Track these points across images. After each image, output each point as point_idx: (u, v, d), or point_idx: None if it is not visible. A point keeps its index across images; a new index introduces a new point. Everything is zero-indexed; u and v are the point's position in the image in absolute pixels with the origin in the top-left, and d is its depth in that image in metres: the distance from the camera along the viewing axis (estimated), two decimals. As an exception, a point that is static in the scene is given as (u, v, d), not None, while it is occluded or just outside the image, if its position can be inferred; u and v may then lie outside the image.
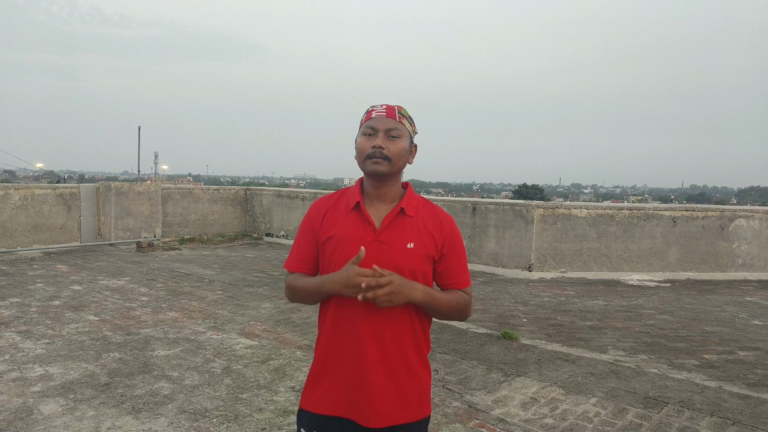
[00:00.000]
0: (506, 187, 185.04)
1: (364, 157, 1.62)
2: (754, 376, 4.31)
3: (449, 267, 1.68)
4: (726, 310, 6.55)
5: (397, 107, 1.67)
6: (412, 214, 1.65)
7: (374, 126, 1.63)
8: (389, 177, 1.64)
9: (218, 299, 6.32)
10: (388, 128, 1.62)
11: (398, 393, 1.61)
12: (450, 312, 1.66)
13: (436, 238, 1.66)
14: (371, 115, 1.66)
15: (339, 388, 1.62)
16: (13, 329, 4.97)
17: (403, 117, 1.66)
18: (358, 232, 1.62)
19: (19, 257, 8.87)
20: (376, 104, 1.70)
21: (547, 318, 5.92)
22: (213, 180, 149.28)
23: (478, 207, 9.19)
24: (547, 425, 3.35)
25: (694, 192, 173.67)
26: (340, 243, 1.62)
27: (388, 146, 1.61)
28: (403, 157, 1.64)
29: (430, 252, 1.64)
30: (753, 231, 9.00)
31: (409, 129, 1.68)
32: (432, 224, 1.67)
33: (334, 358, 1.64)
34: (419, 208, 1.69)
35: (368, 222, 1.63)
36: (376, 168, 1.60)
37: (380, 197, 1.67)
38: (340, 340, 1.63)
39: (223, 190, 12.65)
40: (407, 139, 1.66)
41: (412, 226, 1.64)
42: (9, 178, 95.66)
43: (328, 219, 1.69)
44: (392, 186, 1.67)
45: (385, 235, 1.61)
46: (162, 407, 3.45)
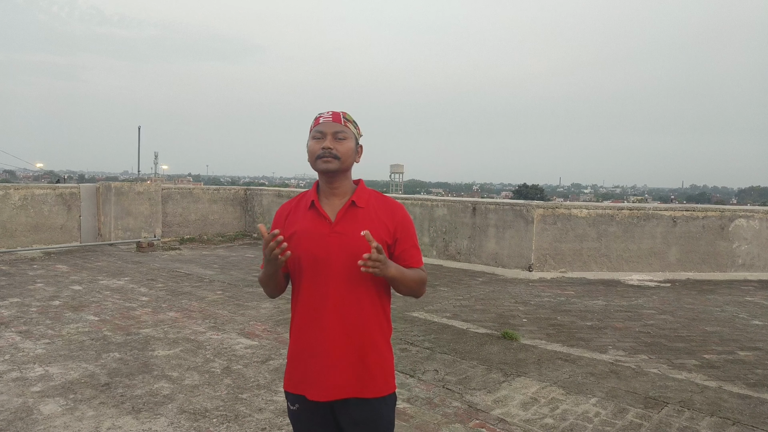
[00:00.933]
0: (506, 187, 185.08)
1: (315, 158, 1.80)
2: (754, 376, 4.31)
3: (404, 249, 1.86)
4: (726, 310, 6.55)
5: (342, 113, 1.84)
6: (363, 205, 1.83)
7: (322, 130, 1.80)
8: (339, 174, 1.82)
9: (218, 299, 6.32)
10: (335, 131, 1.80)
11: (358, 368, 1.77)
12: (413, 286, 1.83)
13: (388, 225, 1.83)
14: (319, 121, 1.83)
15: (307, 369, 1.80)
16: (13, 329, 4.97)
17: (347, 121, 1.84)
18: (316, 226, 1.80)
19: (19, 257, 8.87)
20: (323, 111, 1.87)
21: (547, 318, 5.92)
22: (213, 180, 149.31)
23: (478, 207, 9.19)
24: (547, 425, 3.35)
25: (694, 192, 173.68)
26: (301, 238, 1.80)
27: (336, 146, 1.79)
28: (350, 155, 1.82)
29: (384, 237, 1.80)
30: (753, 231, 9.00)
31: (353, 131, 1.85)
32: (384, 213, 1.85)
33: (302, 340, 1.82)
34: (370, 200, 1.86)
35: (323, 216, 1.81)
36: (327, 166, 1.78)
37: (334, 193, 1.84)
38: (308, 322, 1.81)
39: (223, 190, 12.65)
40: (353, 140, 1.84)
41: (364, 216, 1.81)
42: (9, 178, 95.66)
43: (290, 219, 1.88)
44: (343, 182, 1.85)
45: (341, 227, 1.79)
46: (162, 407, 3.45)
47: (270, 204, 12.23)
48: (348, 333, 1.78)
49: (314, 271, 1.79)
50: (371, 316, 1.81)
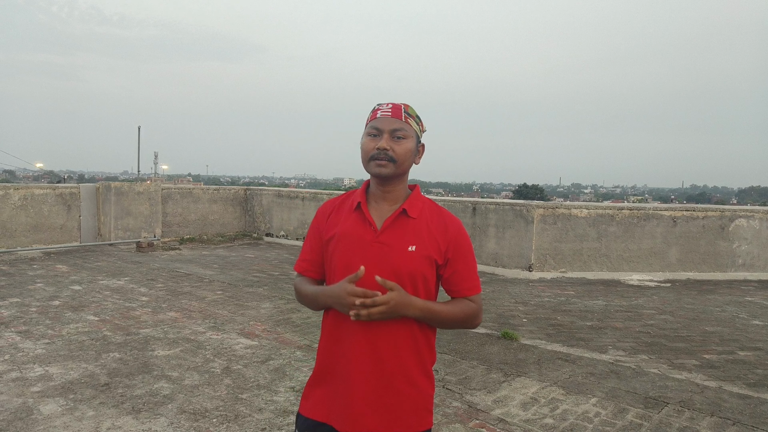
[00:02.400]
0: (506, 187, 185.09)
1: (369, 159, 1.59)
2: (754, 376, 4.31)
3: (455, 272, 1.62)
4: (726, 310, 6.55)
5: (403, 106, 1.63)
6: (415, 215, 1.61)
7: (379, 127, 1.59)
8: (394, 178, 1.61)
9: (218, 299, 6.32)
10: (394, 129, 1.58)
11: (389, 402, 1.57)
12: (454, 323, 1.62)
13: (440, 242, 1.60)
14: (376, 115, 1.62)
15: (329, 395, 1.61)
16: (13, 329, 4.97)
17: (409, 116, 1.62)
18: (358, 231, 1.60)
19: (19, 257, 8.87)
20: (382, 102, 1.66)
21: (547, 318, 5.92)
22: (213, 180, 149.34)
23: (478, 207, 9.19)
24: (547, 425, 3.35)
25: (694, 192, 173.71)
26: (340, 242, 1.61)
27: (393, 147, 1.57)
28: (408, 158, 1.61)
29: (432, 255, 1.58)
30: (753, 231, 9.00)
31: (415, 128, 1.63)
32: (437, 227, 1.62)
33: (328, 365, 1.63)
34: (424, 210, 1.64)
35: (369, 222, 1.60)
36: (380, 171, 1.57)
37: (385, 198, 1.64)
38: (335, 346, 1.62)
39: (223, 190, 12.65)
40: (413, 140, 1.62)
41: (414, 228, 1.60)
42: (9, 178, 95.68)
43: (332, 219, 1.68)
44: (397, 187, 1.64)
45: (386, 236, 1.58)
46: (162, 407, 3.45)
47: (270, 204, 12.23)
48: (377, 359, 1.56)
49: None
50: (407, 341, 1.58)
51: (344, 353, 1.59)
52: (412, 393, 1.59)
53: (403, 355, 1.58)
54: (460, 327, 1.65)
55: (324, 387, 1.64)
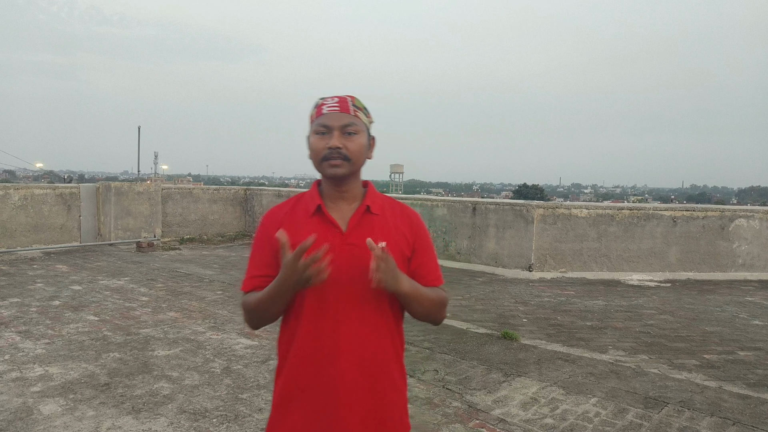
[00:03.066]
0: (506, 187, 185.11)
1: (321, 160, 1.48)
2: (755, 376, 4.31)
3: (422, 264, 1.57)
4: (726, 310, 6.55)
5: (349, 98, 1.52)
6: (378, 212, 1.54)
7: (328, 123, 1.48)
8: (350, 177, 1.52)
9: (218, 299, 6.32)
10: (344, 124, 1.47)
11: (378, 412, 1.47)
12: (431, 308, 1.53)
13: (407, 235, 1.55)
14: (322, 111, 1.50)
15: (309, 415, 1.46)
16: (13, 329, 4.97)
17: (357, 109, 1.51)
18: (323, 236, 1.47)
19: (19, 257, 8.87)
20: (326, 96, 1.53)
21: (547, 318, 5.92)
22: (213, 180, 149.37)
23: (478, 207, 9.19)
24: (547, 425, 3.35)
25: (694, 192, 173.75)
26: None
27: (346, 145, 1.47)
28: (362, 154, 1.51)
29: (404, 250, 1.53)
30: (753, 231, 9.00)
31: (365, 121, 1.53)
32: (401, 221, 1.57)
33: (303, 381, 1.48)
34: (384, 206, 1.58)
35: (333, 225, 1.50)
36: (336, 171, 1.47)
37: (342, 198, 1.54)
38: (313, 358, 1.47)
39: (223, 190, 12.65)
40: (365, 134, 1.52)
41: (381, 224, 1.52)
42: (9, 178, 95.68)
43: (287, 228, 1.49)
44: (353, 185, 1.55)
45: (354, 237, 1.48)
46: (162, 407, 3.45)
47: (270, 204, 12.23)
48: (365, 369, 1.46)
49: (320, 293, 1.46)
50: (389, 345, 1.51)
51: (327, 362, 1.45)
52: (396, 398, 1.52)
53: (387, 357, 1.51)
54: (432, 314, 1.55)
55: (301, 407, 1.48)
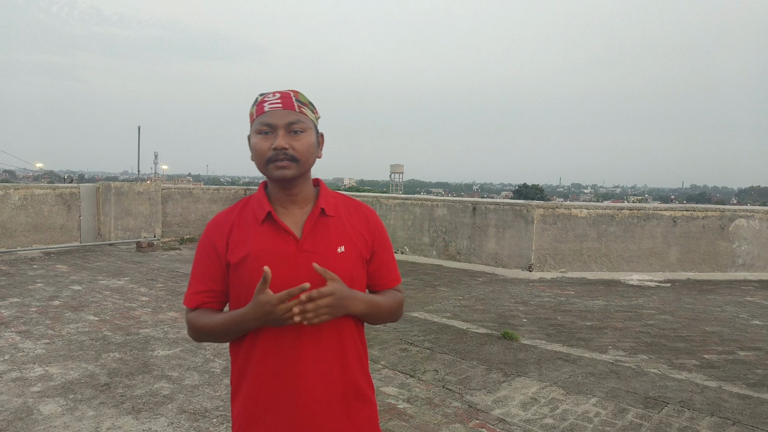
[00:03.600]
0: (506, 187, 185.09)
1: (266, 162, 1.36)
2: (754, 376, 4.31)
3: (381, 264, 1.49)
4: (726, 310, 6.55)
5: (293, 93, 1.40)
6: (333, 213, 1.43)
7: (270, 122, 1.35)
8: (299, 178, 1.40)
9: (218, 299, 6.32)
10: (289, 122, 1.36)
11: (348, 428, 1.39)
12: (389, 315, 1.48)
13: (366, 236, 1.45)
14: (264, 108, 1.38)
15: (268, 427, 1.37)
16: (13, 329, 4.97)
17: (302, 104, 1.40)
18: (277, 245, 1.36)
19: (19, 257, 8.87)
20: (266, 92, 1.41)
21: (547, 318, 5.92)
22: (213, 180, 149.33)
23: (478, 207, 9.19)
24: (547, 425, 3.35)
25: (694, 192, 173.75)
26: (257, 262, 1.35)
27: (293, 145, 1.35)
28: (311, 153, 1.40)
29: (363, 252, 1.44)
30: (753, 231, 9.00)
31: (312, 117, 1.42)
32: (358, 220, 1.46)
33: (265, 400, 1.37)
34: (339, 206, 1.47)
35: (286, 232, 1.38)
36: (284, 173, 1.36)
37: (293, 201, 1.43)
38: (275, 378, 1.36)
39: (223, 190, 12.65)
40: (312, 132, 1.40)
41: (337, 227, 1.42)
42: (9, 178, 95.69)
43: (235, 237, 1.41)
44: (304, 186, 1.43)
45: (309, 243, 1.38)
46: (162, 407, 3.45)
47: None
48: (331, 384, 1.37)
49: None
50: (354, 356, 1.42)
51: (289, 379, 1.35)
52: (367, 410, 1.44)
53: (354, 371, 1.41)
54: (389, 320, 1.50)
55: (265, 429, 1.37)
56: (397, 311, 1.51)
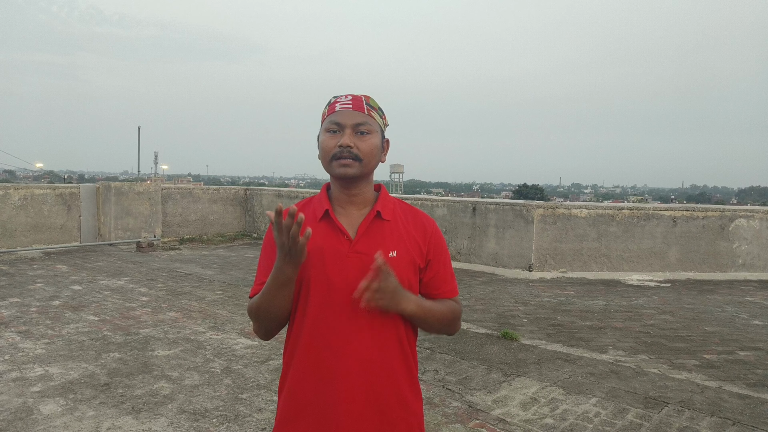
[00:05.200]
0: (506, 187, 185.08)
1: (330, 158, 1.41)
2: (755, 376, 4.31)
3: (436, 274, 1.49)
4: (726, 310, 6.55)
5: (364, 97, 1.45)
6: (389, 217, 1.45)
7: (340, 121, 1.41)
8: (360, 179, 1.44)
9: (218, 299, 6.32)
10: (357, 123, 1.41)
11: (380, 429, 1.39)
12: (441, 325, 1.47)
13: (421, 243, 1.47)
14: (335, 108, 1.44)
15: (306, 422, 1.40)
16: (13, 329, 4.97)
17: (372, 109, 1.45)
18: (330, 243, 1.41)
19: (19, 257, 8.87)
20: (340, 95, 1.47)
21: (547, 318, 5.92)
22: (213, 180, 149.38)
23: (478, 207, 9.19)
24: (547, 425, 3.35)
25: (694, 192, 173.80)
26: (311, 258, 1.39)
27: (358, 144, 1.40)
28: (374, 155, 1.43)
29: (416, 259, 1.45)
30: (753, 231, 9.00)
31: (379, 122, 1.47)
32: (414, 228, 1.48)
33: (304, 397, 1.40)
34: (396, 211, 1.49)
35: (341, 232, 1.42)
36: (346, 171, 1.40)
37: (352, 202, 1.46)
38: (316, 372, 1.39)
39: (223, 190, 12.65)
40: (378, 135, 1.45)
41: (392, 231, 1.44)
42: (9, 178, 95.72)
43: None
44: (364, 189, 1.47)
45: (362, 245, 1.41)
46: (162, 407, 3.45)
47: (270, 204, 12.23)
48: (370, 385, 1.38)
49: (325, 303, 1.38)
50: (399, 361, 1.42)
51: (328, 380, 1.38)
52: (406, 416, 1.43)
53: (397, 376, 1.42)
54: (443, 331, 1.50)
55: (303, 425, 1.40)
56: (452, 322, 1.49)
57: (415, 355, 1.50)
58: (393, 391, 1.41)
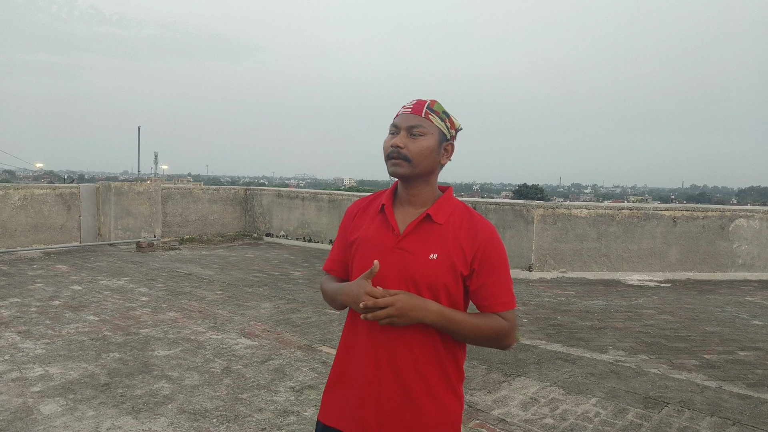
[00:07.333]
0: (506, 187, 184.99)
1: (386, 157, 1.53)
2: (755, 376, 4.31)
3: (483, 285, 1.48)
4: (726, 310, 6.55)
5: (428, 102, 1.54)
6: (441, 221, 1.51)
7: (397, 123, 1.53)
8: (416, 179, 1.52)
9: (218, 299, 6.32)
10: (411, 125, 1.50)
11: (407, 418, 1.48)
12: (478, 337, 1.47)
13: (466, 250, 1.48)
14: (399, 112, 1.57)
15: (344, 401, 1.55)
16: (13, 329, 4.97)
17: (432, 112, 1.52)
18: (380, 236, 1.53)
19: (19, 257, 8.87)
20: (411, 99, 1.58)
21: (547, 318, 5.92)
22: (213, 180, 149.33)
23: (478, 207, 9.19)
24: (547, 425, 3.35)
25: (694, 192, 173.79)
26: (361, 246, 1.55)
27: (408, 145, 1.49)
28: (426, 156, 1.50)
29: (457, 265, 1.47)
30: (753, 231, 9.00)
31: (439, 125, 1.52)
32: (465, 234, 1.50)
33: (344, 370, 1.57)
34: (453, 216, 1.53)
35: (391, 226, 1.52)
36: (395, 169, 1.50)
37: (411, 201, 1.56)
38: (352, 351, 1.55)
39: (223, 190, 12.64)
40: (433, 137, 1.51)
41: (439, 234, 1.49)
42: (9, 178, 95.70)
43: (357, 221, 1.62)
44: (423, 189, 1.55)
45: (407, 242, 1.49)
46: (162, 407, 3.45)
47: (270, 204, 12.23)
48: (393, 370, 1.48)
49: None
50: (428, 353, 1.48)
51: (355, 361, 1.54)
52: (435, 410, 1.49)
53: (425, 368, 1.48)
54: (486, 344, 1.50)
55: (336, 393, 1.58)
56: (492, 336, 1.48)
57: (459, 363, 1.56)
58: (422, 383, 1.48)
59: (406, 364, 1.47)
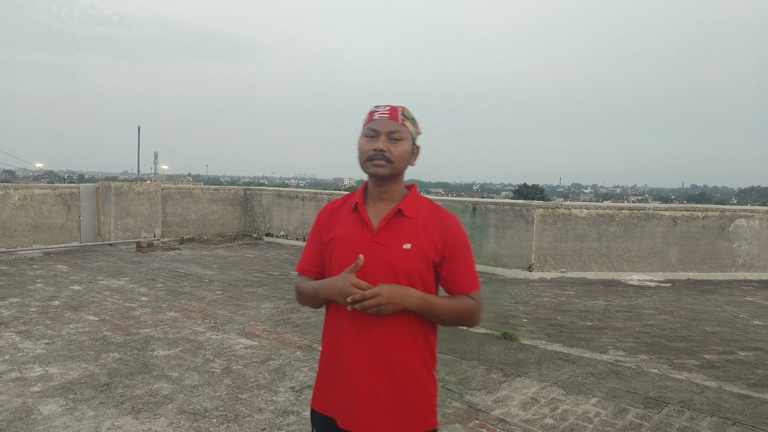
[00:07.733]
0: (506, 187, 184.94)
1: (366, 159, 1.64)
2: (755, 376, 4.30)
3: (453, 271, 1.65)
4: (726, 310, 6.55)
5: (400, 108, 1.68)
6: (411, 215, 1.65)
7: (376, 128, 1.64)
8: (390, 178, 1.66)
9: (218, 299, 6.32)
10: (391, 131, 1.63)
11: (395, 406, 1.59)
12: (452, 318, 1.63)
13: (436, 240, 1.64)
14: (374, 117, 1.66)
15: (331, 389, 1.66)
16: (12, 329, 4.97)
17: (405, 118, 1.66)
18: (356, 233, 1.64)
19: (19, 257, 8.87)
20: (380, 105, 1.70)
21: (547, 318, 5.92)
22: (213, 180, 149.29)
23: (478, 207, 9.19)
24: (547, 425, 3.35)
25: (695, 192, 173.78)
26: (338, 244, 1.65)
27: (390, 149, 1.62)
28: (404, 159, 1.66)
29: (429, 254, 1.62)
30: (753, 231, 9.00)
31: (411, 130, 1.68)
32: (434, 226, 1.66)
33: (330, 367, 1.67)
34: (421, 210, 1.68)
35: (366, 223, 1.65)
36: (377, 171, 1.62)
37: (382, 198, 1.69)
38: (335, 348, 1.65)
39: (222, 190, 12.64)
40: (409, 142, 1.66)
41: (410, 227, 1.64)
42: (9, 178, 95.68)
43: (332, 221, 1.72)
44: (394, 187, 1.69)
45: (382, 236, 1.62)
46: (162, 407, 3.45)
47: (270, 204, 12.23)
48: (378, 361, 1.59)
49: None
50: (409, 344, 1.61)
51: (344, 356, 1.62)
52: (419, 395, 1.62)
53: (408, 357, 1.61)
54: (460, 323, 1.66)
55: (330, 388, 1.67)
56: (464, 316, 1.65)
57: (433, 346, 1.67)
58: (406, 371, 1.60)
59: (391, 351, 1.59)
